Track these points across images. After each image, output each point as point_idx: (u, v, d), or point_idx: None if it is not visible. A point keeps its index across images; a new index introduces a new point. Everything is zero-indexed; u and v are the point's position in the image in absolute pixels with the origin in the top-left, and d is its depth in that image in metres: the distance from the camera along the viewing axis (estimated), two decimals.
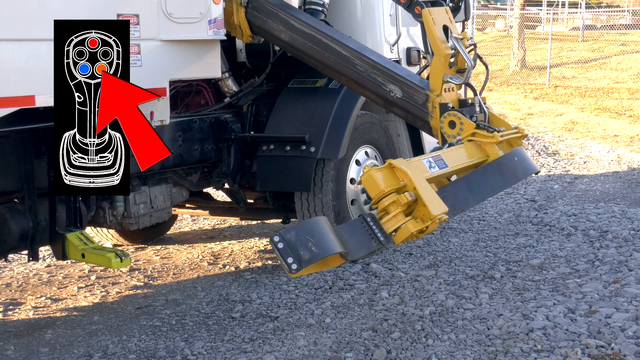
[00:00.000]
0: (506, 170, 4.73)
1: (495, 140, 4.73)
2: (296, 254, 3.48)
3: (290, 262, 3.47)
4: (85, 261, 4.81)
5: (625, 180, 9.37)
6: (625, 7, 35.04)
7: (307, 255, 3.52)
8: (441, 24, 5.04)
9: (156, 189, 5.48)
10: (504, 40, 29.06)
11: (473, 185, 4.56)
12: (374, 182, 4.00)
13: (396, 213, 3.98)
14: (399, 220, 4.00)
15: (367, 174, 4.01)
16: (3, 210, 4.67)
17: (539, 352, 4.30)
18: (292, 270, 3.48)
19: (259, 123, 6.20)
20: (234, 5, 5.59)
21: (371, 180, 4.01)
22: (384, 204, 3.99)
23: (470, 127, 4.78)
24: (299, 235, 3.55)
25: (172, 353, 4.49)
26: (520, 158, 4.86)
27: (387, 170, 4.07)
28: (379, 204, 4.00)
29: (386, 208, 3.99)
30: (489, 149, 4.76)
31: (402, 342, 4.51)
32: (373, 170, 4.05)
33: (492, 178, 4.67)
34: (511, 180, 4.96)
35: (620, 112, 16.25)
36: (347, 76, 5.43)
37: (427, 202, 4.02)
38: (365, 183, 4.03)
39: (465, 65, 4.99)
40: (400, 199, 3.98)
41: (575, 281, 5.53)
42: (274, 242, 3.49)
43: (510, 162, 4.76)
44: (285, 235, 3.51)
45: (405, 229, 4.00)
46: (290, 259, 3.47)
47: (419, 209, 4.06)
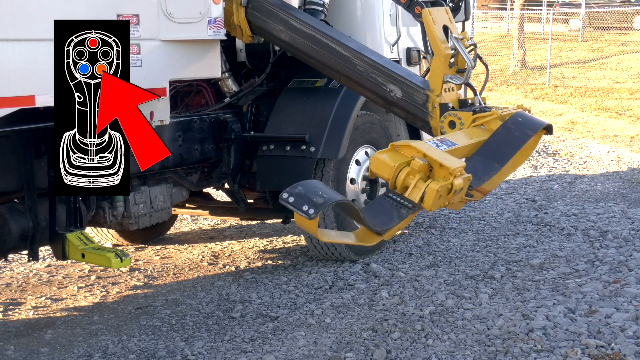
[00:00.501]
0: (515, 129, 4.75)
1: (496, 115, 4.74)
2: (309, 201, 3.53)
3: (306, 209, 3.52)
4: (85, 261, 4.81)
5: (625, 180, 9.37)
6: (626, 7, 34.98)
7: (320, 200, 3.59)
8: (441, 24, 5.04)
9: (156, 189, 5.48)
10: (504, 40, 29.07)
11: (489, 153, 4.58)
12: (382, 163, 4.02)
13: (416, 182, 3.97)
14: (421, 188, 3.99)
15: (374, 158, 4.04)
16: (3, 210, 4.67)
17: (539, 352, 4.30)
18: (310, 215, 3.51)
19: (259, 123, 6.20)
20: (234, 5, 5.59)
21: (379, 162, 4.03)
22: (400, 179, 3.99)
23: (468, 117, 4.79)
24: (306, 188, 3.62)
25: (172, 353, 4.49)
26: (525, 117, 4.87)
27: (391, 151, 4.08)
28: (396, 182, 4.00)
29: (405, 182, 3.98)
30: (493, 126, 4.77)
31: (402, 342, 4.51)
32: (378, 153, 4.07)
33: (505, 140, 4.68)
34: (525, 137, 4.92)
35: (620, 112, 16.24)
36: (347, 76, 5.43)
37: (441, 160, 4.03)
38: (374, 167, 4.04)
39: (465, 65, 4.99)
40: (414, 165, 3.98)
41: (575, 281, 5.53)
42: (284, 199, 3.54)
43: (516, 122, 4.77)
44: (293, 190, 3.58)
45: (430, 190, 3.98)
46: (306, 207, 3.52)
47: (437, 172, 4.06)
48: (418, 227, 7.28)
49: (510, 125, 4.71)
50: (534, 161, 10.98)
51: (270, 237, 7.23)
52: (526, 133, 4.86)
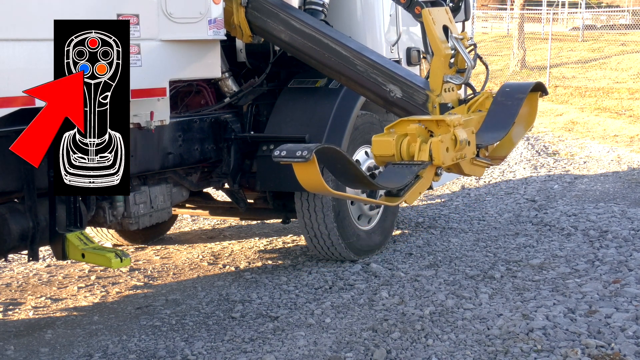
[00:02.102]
0: (507, 99, 4.81)
1: (486, 94, 4.83)
2: (301, 148, 3.61)
3: (299, 154, 3.55)
4: (85, 261, 4.81)
5: (625, 180, 9.37)
6: (625, 7, 35.05)
7: (311, 146, 3.64)
8: (441, 24, 5.04)
9: (156, 189, 5.48)
10: (504, 40, 29.07)
11: (490, 127, 4.65)
12: (383, 142, 4.04)
13: (419, 145, 3.99)
14: (426, 148, 4.00)
15: (374, 141, 4.08)
16: (3, 210, 4.67)
17: (539, 352, 4.30)
18: (305, 157, 3.56)
19: (259, 123, 6.20)
20: (234, 5, 5.59)
21: (379, 143, 4.07)
22: (404, 149, 4.01)
23: (462, 110, 4.83)
24: (294, 144, 3.72)
25: (172, 353, 4.49)
26: (511, 85, 5.01)
27: (387, 132, 4.10)
28: (402, 153, 4.02)
29: (409, 151, 4.00)
30: (487, 104, 4.84)
31: (402, 342, 4.51)
32: (375, 136, 4.09)
33: (500, 111, 4.75)
34: (518, 101, 4.99)
35: (620, 112, 16.25)
36: (347, 76, 5.43)
37: (436, 119, 4.06)
38: (376, 150, 4.10)
39: (465, 65, 4.99)
40: (410, 131, 4.01)
41: (575, 281, 5.53)
42: (277, 155, 3.62)
43: (504, 93, 4.90)
44: (282, 147, 3.68)
45: (435, 144, 4.02)
46: (299, 152, 3.55)
47: (436, 131, 4.12)
48: (418, 227, 7.28)
49: (500, 98, 4.80)
50: (533, 161, 10.99)
51: (270, 237, 7.23)
52: (518, 97, 4.93)
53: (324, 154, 3.76)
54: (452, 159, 4.16)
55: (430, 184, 4.50)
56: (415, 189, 4.18)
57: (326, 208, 5.88)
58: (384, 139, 4.08)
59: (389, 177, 4.08)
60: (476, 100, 4.84)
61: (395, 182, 4.01)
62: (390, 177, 4.07)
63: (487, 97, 4.89)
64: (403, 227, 7.29)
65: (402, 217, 7.64)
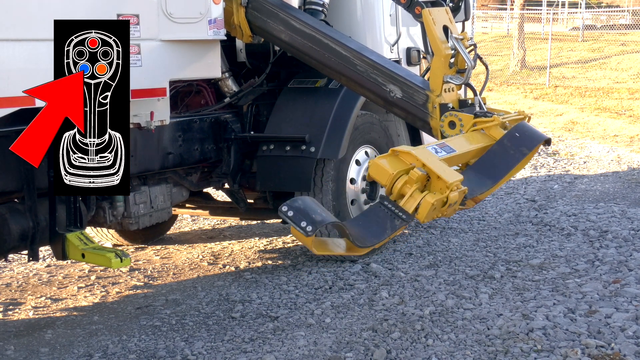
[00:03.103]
0: (511, 147, 4.72)
1: (497, 122, 4.72)
2: (308, 218, 3.52)
3: (304, 225, 3.51)
4: (85, 261, 4.81)
5: (625, 180, 9.37)
6: (625, 7, 35.06)
7: (319, 217, 3.57)
8: (441, 24, 5.05)
9: (156, 189, 5.48)
10: (504, 40, 29.07)
11: (483, 171, 4.56)
12: (381, 169, 3.98)
13: (412, 192, 3.94)
14: (417, 198, 3.96)
15: (373, 162, 4.00)
16: (3, 210, 4.67)
17: (539, 352, 4.30)
18: (307, 232, 3.50)
19: (259, 123, 6.20)
20: (234, 5, 5.59)
21: (378, 168, 3.99)
22: (397, 187, 3.96)
23: (469, 119, 4.77)
24: (305, 203, 3.60)
25: (172, 353, 4.49)
26: (523, 131, 4.83)
27: (391, 156, 4.04)
28: (393, 189, 3.98)
29: (401, 191, 3.95)
30: (494, 132, 4.75)
31: (402, 342, 4.51)
32: (378, 157, 4.03)
33: (498, 158, 4.66)
34: (519, 155, 4.92)
35: (620, 112, 16.25)
36: (347, 76, 5.43)
37: (439, 173, 3.99)
38: (372, 172, 4.01)
39: (465, 65, 4.99)
40: (412, 175, 3.95)
41: (575, 281, 5.53)
42: (284, 212, 3.53)
43: (512, 139, 4.74)
44: (292, 204, 3.56)
45: (425, 203, 3.96)
46: (304, 223, 3.52)
47: (434, 184, 4.02)
48: (418, 227, 7.28)
49: (506, 143, 4.69)
50: (533, 161, 10.98)
51: (270, 237, 7.23)
52: (521, 151, 4.87)
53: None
54: (434, 216, 4.15)
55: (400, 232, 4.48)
56: (387, 240, 4.19)
57: (326, 208, 5.87)
58: (383, 168, 4.01)
59: (371, 220, 4.03)
60: (485, 122, 4.74)
61: (375, 230, 3.96)
62: (371, 221, 4.02)
63: (497, 124, 4.75)
64: None
65: None
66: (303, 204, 3.64)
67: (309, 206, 3.65)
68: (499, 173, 4.76)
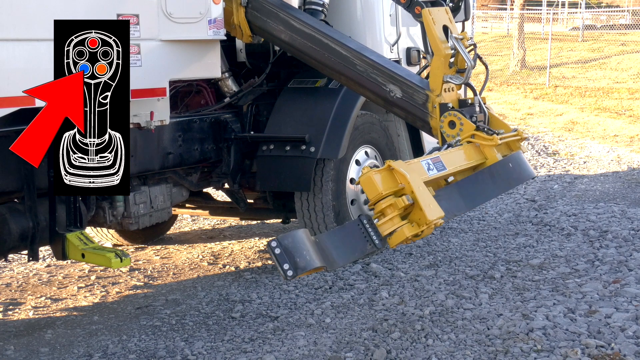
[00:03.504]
0: (499, 177, 4.73)
1: (494, 143, 4.71)
2: (292, 261, 3.52)
3: (287, 268, 3.51)
4: (85, 261, 4.81)
5: (625, 180, 9.37)
6: (625, 7, 35.07)
7: (302, 262, 3.56)
8: (441, 24, 5.04)
9: (156, 189, 5.48)
10: (504, 40, 29.08)
11: (465, 192, 4.56)
12: (372, 184, 3.99)
13: (393, 216, 3.98)
14: (395, 224, 3.99)
15: (366, 176, 4.00)
16: (3, 210, 4.67)
17: (539, 352, 4.30)
18: (287, 276, 3.52)
19: (259, 123, 6.20)
20: (233, 5, 5.59)
21: (370, 182, 4.00)
22: (381, 206, 3.98)
23: (470, 128, 4.76)
24: (295, 243, 3.58)
25: (172, 353, 4.49)
26: (516, 164, 4.84)
27: (386, 172, 4.05)
28: (376, 206, 4.00)
29: (383, 210, 3.98)
30: (487, 152, 4.75)
31: (402, 342, 4.51)
32: (372, 172, 4.03)
33: (483, 185, 4.67)
34: (504, 187, 4.97)
35: (620, 112, 16.25)
36: (347, 76, 5.43)
37: (424, 206, 4.02)
38: (363, 184, 4.02)
39: (465, 65, 4.98)
40: (398, 203, 3.97)
41: (575, 281, 5.53)
42: (272, 247, 3.51)
43: (503, 169, 4.75)
44: (282, 241, 3.53)
45: (400, 233, 4.00)
46: (287, 265, 3.51)
47: (415, 213, 4.05)
48: None
49: (497, 170, 4.71)
50: (533, 161, 10.98)
51: (270, 237, 7.23)
52: (509, 183, 4.88)
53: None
54: (404, 243, 4.19)
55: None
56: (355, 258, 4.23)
57: (326, 208, 5.88)
58: (374, 184, 4.02)
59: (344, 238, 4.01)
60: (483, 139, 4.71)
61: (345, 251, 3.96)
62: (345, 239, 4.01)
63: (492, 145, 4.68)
64: None
65: None
66: (292, 242, 3.61)
67: (297, 247, 3.62)
68: (478, 199, 4.79)
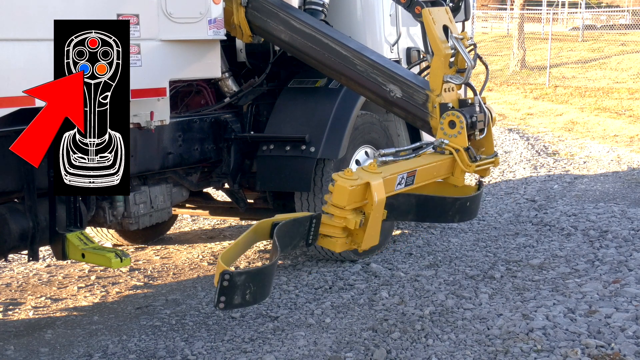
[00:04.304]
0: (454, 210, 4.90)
1: (469, 169, 4.79)
2: (230, 297, 3.57)
3: (222, 300, 3.56)
4: (85, 261, 4.81)
5: (625, 180, 9.37)
6: (625, 7, 35.08)
7: (237, 301, 3.64)
8: (441, 24, 5.04)
9: (156, 189, 5.48)
10: (504, 40, 29.09)
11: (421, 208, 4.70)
12: (342, 195, 4.07)
13: (338, 225, 4.06)
14: (335, 233, 4.11)
15: (342, 186, 4.06)
16: (3, 210, 4.67)
17: (539, 352, 4.30)
18: (218, 307, 3.58)
19: (259, 123, 6.20)
20: (234, 5, 5.59)
21: (341, 192, 4.07)
22: (335, 211, 4.05)
23: (462, 142, 4.78)
24: (245, 282, 3.64)
25: (172, 353, 4.49)
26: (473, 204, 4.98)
27: (361, 187, 4.11)
28: (332, 209, 4.07)
29: (336, 215, 4.05)
30: (458, 172, 4.83)
31: (402, 342, 4.51)
32: (348, 183, 4.07)
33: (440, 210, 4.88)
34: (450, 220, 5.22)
35: (620, 112, 16.25)
36: (347, 76, 5.43)
37: (367, 235, 4.17)
38: (335, 190, 4.09)
39: (465, 65, 4.98)
40: (349, 223, 4.07)
41: (575, 281, 5.53)
42: (222, 275, 3.55)
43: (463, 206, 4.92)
44: (234, 277, 3.57)
45: (332, 243, 4.15)
46: (223, 298, 3.56)
47: (358, 233, 4.17)
48: (418, 227, 7.28)
49: (454, 204, 4.85)
50: (533, 161, 10.98)
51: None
52: (454, 217, 5.00)
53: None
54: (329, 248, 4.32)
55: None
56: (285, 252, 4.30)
57: None
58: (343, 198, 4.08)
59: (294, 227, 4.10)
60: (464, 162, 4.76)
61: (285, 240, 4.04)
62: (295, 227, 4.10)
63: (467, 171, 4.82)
64: (403, 227, 7.29)
65: None
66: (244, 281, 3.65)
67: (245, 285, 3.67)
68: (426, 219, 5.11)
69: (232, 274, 3.53)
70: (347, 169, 4.21)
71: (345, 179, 4.06)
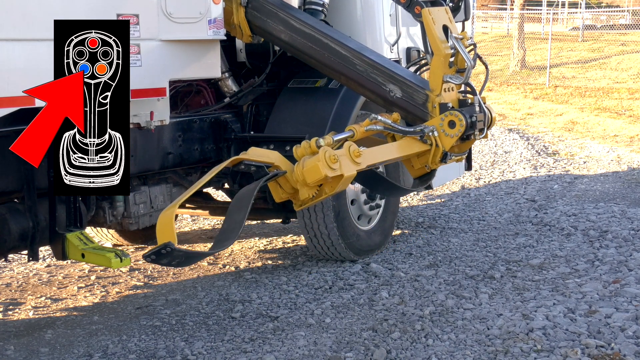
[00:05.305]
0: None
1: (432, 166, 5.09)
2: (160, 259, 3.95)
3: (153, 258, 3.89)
4: (85, 261, 4.81)
5: (625, 180, 9.38)
6: (625, 7, 35.09)
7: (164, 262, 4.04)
8: (441, 24, 5.04)
9: (156, 189, 5.48)
10: (504, 40, 29.09)
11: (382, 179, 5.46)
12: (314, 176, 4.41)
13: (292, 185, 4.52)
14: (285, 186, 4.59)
15: (319, 170, 4.35)
16: (3, 210, 4.67)
17: (538, 352, 4.30)
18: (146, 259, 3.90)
19: (259, 123, 6.20)
20: (233, 5, 5.59)
21: (315, 174, 4.40)
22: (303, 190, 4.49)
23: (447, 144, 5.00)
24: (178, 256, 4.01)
25: (172, 353, 4.49)
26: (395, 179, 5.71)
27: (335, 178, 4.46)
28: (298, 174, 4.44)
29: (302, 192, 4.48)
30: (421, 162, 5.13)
31: (402, 342, 4.51)
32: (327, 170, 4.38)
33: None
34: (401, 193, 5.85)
35: (620, 112, 16.26)
36: (347, 76, 5.43)
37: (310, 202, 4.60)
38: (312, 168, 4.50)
39: (465, 65, 4.99)
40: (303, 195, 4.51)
41: (575, 281, 5.54)
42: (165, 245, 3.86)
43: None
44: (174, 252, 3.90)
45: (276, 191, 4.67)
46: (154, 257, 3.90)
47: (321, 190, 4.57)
48: (418, 227, 7.28)
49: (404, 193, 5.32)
50: (533, 161, 10.99)
51: (270, 237, 7.23)
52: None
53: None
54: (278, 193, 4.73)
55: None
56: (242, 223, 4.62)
57: (326, 208, 5.88)
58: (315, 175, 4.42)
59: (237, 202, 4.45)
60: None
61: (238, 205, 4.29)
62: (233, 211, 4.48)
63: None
64: (403, 227, 7.29)
65: (402, 217, 7.65)
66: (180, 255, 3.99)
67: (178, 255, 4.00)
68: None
69: (173, 249, 3.79)
70: (330, 139, 4.48)
71: (324, 165, 4.31)
